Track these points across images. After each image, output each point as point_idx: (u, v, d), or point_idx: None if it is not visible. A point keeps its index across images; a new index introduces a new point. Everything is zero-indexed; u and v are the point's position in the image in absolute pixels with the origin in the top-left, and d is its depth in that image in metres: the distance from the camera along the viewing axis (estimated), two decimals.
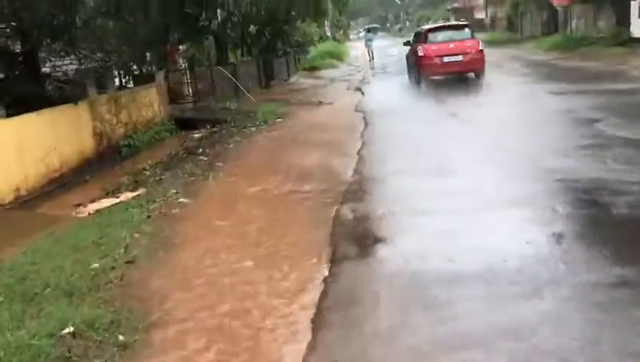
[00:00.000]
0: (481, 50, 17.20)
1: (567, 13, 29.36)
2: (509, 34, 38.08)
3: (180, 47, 18.82)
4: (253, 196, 7.35)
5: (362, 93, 18.38)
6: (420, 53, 17.44)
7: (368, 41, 35.78)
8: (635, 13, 24.10)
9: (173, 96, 14.44)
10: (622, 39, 24.38)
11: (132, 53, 17.19)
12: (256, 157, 9.92)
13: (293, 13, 26.79)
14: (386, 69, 28.10)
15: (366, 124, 12.12)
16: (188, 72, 15.10)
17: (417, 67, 17.84)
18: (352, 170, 8.19)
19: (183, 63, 18.43)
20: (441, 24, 25.64)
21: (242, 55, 29.27)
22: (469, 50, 17.06)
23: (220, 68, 17.88)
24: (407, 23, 72.46)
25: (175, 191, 7.91)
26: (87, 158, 10.33)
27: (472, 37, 18.03)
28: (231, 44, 30.05)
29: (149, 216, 6.86)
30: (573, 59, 22.72)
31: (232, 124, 13.36)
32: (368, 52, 34.58)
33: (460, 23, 25.34)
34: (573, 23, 29.66)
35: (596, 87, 14.24)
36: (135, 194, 8.15)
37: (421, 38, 18.52)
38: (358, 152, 9.46)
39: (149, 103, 13.06)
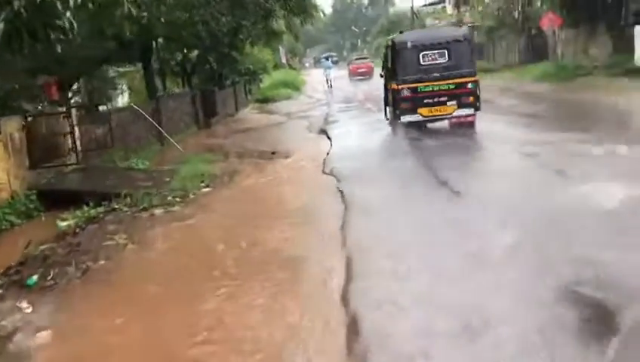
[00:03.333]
0: (372, 67, 37.73)
1: (553, 40, 25.27)
2: (481, 63, 33.88)
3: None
4: None
5: (329, 139, 13.33)
6: (349, 67, 42.78)
7: (327, 69, 35.05)
8: None
9: (45, 153, 9.03)
10: (625, 69, 20.23)
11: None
12: (131, 315, 4.64)
13: (241, 36, 21.77)
14: (351, 101, 23.27)
15: (345, 206, 7.05)
16: (72, 115, 9.63)
17: (348, 72, 41.53)
18: None
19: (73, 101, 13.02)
20: (358, 56, 50.67)
21: (183, 86, 24.04)
22: (367, 66, 39.71)
23: (134, 106, 12.57)
24: (365, 51, 68.34)
25: None
26: None
27: (369, 61, 41.55)
28: (169, 73, 25.05)
29: None
30: (577, 92, 18.31)
31: (129, 201, 8.07)
32: (327, 80, 33.86)
33: (364, 55, 49.96)
34: (559, 49, 25.58)
35: None
36: None
37: (349, 62, 46.53)
38: (344, 297, 4.39)
39: None
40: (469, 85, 11.52)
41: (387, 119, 13.71)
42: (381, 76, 13.96)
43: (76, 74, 12.64)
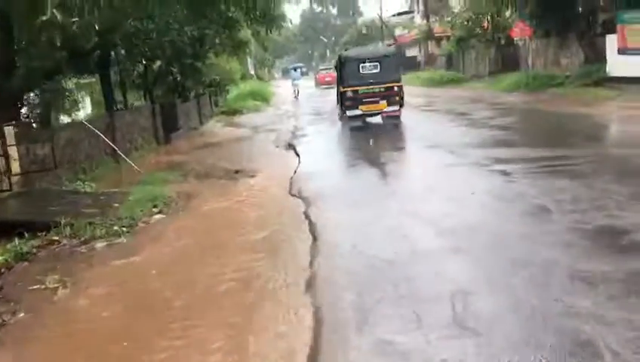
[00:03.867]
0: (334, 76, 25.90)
1: (525, 50, 24.95)
2: (450, 73, 33.61)
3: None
4: None
5: (297, 154, 12.55)
6: (316, 77, 46.78)
7: (294, 80, 35.96)
8: (612, 49, 19.77)
9: None
10: (597, 78, 19.97)
11: None
12: None
13: (206, 46, 20.90)
14: (319, 113, 22.57)
15: (313, 236, 6.27)
16: (5, 133, 8.59)
17: (315, 81, 45.48)
18: None
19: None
20: (324, 66, 50.10)
21: (145, 99, 22.93)
22: (332, 76, 32.39)
23: (83, 121, 11.55)
24: (333, 61, 67.88)
25: None
26: None
27: (333, 71, 29.04)
28: (131, 85, 23.94)
29: None
30: (554, 103, 17.91)
31: (69, 232, 7.10)
32: (294, 90, 34.78)
33: (330, 66, 43.99)
34: (530, 60, 25.29)
35: None
36: None
37: (318, 72, 48.55)
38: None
39: None
40: (395, 88, 15.14)
41: (339, 114, 17.15)
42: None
43: (21, 86, 11.56)
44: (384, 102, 15.02)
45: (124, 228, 7.15)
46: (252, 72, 45.15)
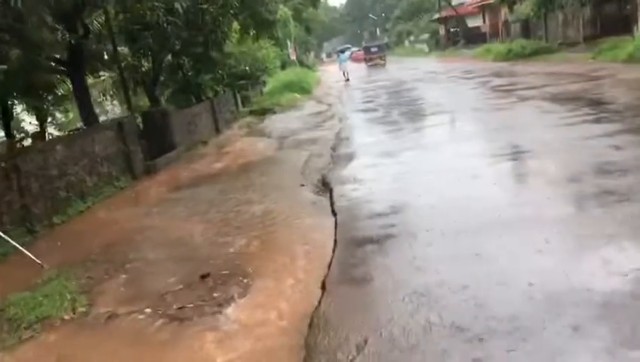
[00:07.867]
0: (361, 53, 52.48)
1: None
2: (528, 42, 26.53)
3: None
4: None
5: (333, 211, 6.59)
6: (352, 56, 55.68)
7: (342, 62, 33.93)
8: None
9: None
10: None
11: None
12: None
13: (209, 27, 15.09)
14: (374, 108, 16.44)
15: None
16: None
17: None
18: None
19: None
20: (357, 48, 62.96)
21: (151, 104, 17.34)
22: (361, 54, 52.09)
23: None
24: (386, 38, 61.06)
25: None
26: None
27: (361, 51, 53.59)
28: (135, 85, 18.50)
29: None
30: None
31: None
32: (343, 73, 32.26)
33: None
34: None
35: None
36: None
37: (353, 53, 59.32)
38: None
39: None
40: (382, 55, 45.78)
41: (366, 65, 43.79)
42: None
43: None
44: (378, 60, 44.69)
45: None
46: (293, 58, 39.13)
